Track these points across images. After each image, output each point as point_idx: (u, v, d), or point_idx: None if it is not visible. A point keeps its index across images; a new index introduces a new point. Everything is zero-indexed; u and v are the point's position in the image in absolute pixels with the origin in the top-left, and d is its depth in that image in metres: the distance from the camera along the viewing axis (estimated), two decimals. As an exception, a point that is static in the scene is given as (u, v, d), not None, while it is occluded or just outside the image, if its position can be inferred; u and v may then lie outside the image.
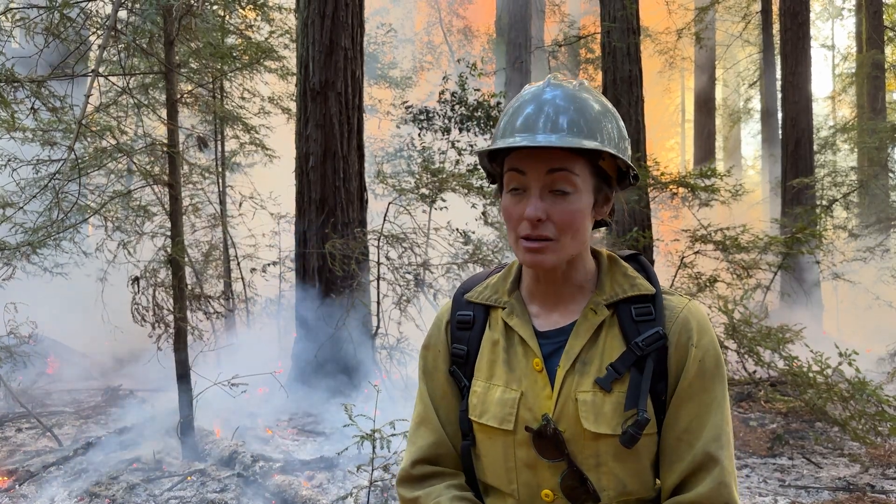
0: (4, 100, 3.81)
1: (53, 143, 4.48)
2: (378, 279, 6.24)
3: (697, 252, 6.98)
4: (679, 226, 9.96)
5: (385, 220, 6.32)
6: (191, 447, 4.50)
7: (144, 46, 4.42)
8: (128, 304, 4.66)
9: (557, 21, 18.78)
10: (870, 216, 10.74)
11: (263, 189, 8.59)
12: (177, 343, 4.47)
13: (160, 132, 6.47)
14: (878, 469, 4.29)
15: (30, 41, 4.00)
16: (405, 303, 6.03)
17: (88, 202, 6.45)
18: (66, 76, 4.08)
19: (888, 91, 14.21)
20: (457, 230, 6.46)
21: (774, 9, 13.33)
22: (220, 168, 8.22)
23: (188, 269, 6.64)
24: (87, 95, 3.98)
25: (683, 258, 7.02)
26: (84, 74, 4.44)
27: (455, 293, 1.28)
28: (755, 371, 5.96)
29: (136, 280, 4.61)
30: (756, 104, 20.20)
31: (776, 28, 12.96)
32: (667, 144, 30.53)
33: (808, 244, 7.30)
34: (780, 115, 10.95)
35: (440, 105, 7.76)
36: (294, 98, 7.89)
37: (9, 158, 4.26)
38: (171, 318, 4.53)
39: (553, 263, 1.08)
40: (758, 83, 17.89)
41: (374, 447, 3.27)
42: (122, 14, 4.44)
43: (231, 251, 8.18)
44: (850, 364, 4.41)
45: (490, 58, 20.29)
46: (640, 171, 6.10)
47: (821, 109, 19.93)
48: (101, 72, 4.36)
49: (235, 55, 6.45)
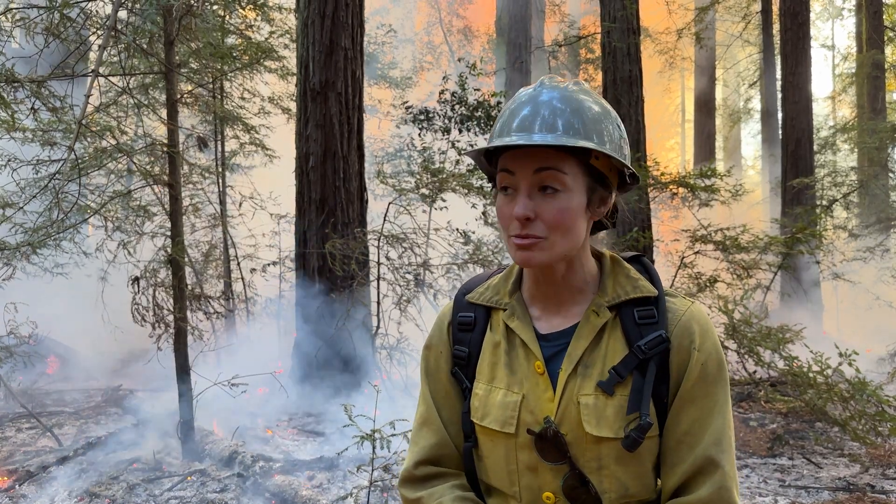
0: (4, 100, 3.81)
1: (53, 144, 4.47)
2: (378, 279, 6.24)
3: (697, 252, 6.98)
4: (679, 226, 9.96)
5: (385, 220, 6.32)
6: (191, 447, 4.50)
7: (144, 46, 4.42)
8: (128, 304, 4.67)
9: (557, 21, 18.77)
10: (870, 216, 10.74)
11: (263, 189, 8.60)
12: (177, 343, 4.47)
13: (160, 132, 6.47)
14: (878, 469, 4.29)
15: (30, 41, 4.00)
16: (405, 303, 6.03)
17: (88, 202, 6.44)
18: (66, 76, 4.08)
19: (888, 91, 14.20)
20: (457, 230, 6.45)
21: (774, 9, 13.33)
22: (220, 168, 8.22)
23: (188, 269, 6.64)
24: (87, 95, 3.98)
25: (683, 258, 7.01)
26: (84, 74, 4.43)
27: (456, 294, 1.28)
28: (755, 371, 5.96)
29: (136, 280, 4.61)
30: (756, 104, 20.20)
31: (776, 28, 12.96)
32: (667, 144, 30.54)
33: (808, 244, 7.30)
34: (780, 115, 10.95)
35: (440, 105, 7.75)
36: (294, 98, 7.89)
37: (9, 158, 4.26)
38: (171, 318, 4.53)
39: (544, 261, 1.07)
40: (758, 83, 17.90)
41: (374, 447, 3.27)
42: (122, 14, 4.44)
43: (231, 251, 8.18)
44: (850, 364, 4.41)
45: (490, 58, 20.28)
46: (640, 172, 6.11)
47: (821, 109, 19.93)
48: (101, 72, 4.36)
49: (235, 55, 6.44)
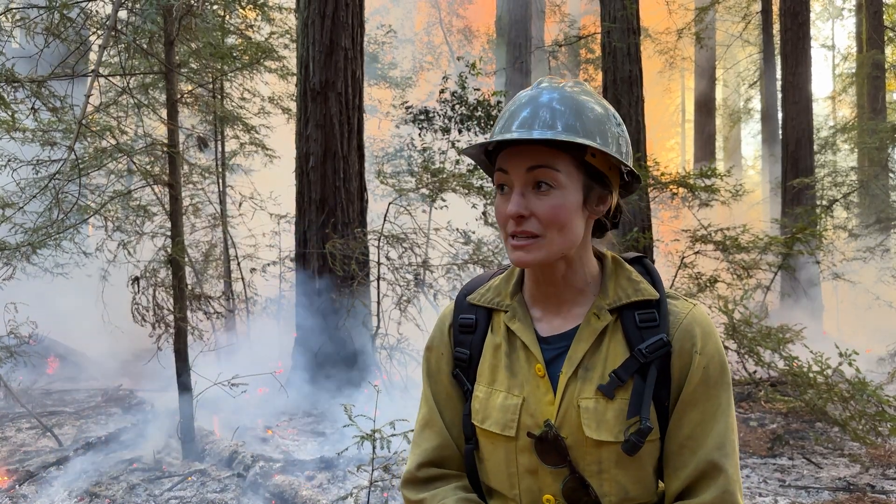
0: (4, 100, 3.81)
1: (53, 144, 4.47)
2: (378, 279, 6.24)
3: (697, 252, 6.98)
4: (679, 226, 9.96)
5: (385, 220, 6.32)
6: (191, 447, 4.50)
7: (144, 46, 4.42)
8: (128, 304, 4.66)
9: (557, 21, 18.77)
10: (870, 216, 10.73)
11: (263, 189, 8.60)
12: (177, 343, 4.47)
13: (160, 132, 6.46)
14: (879, 469, 4.29)
15: (30, 41, 4.00)
16: (405, 303, 6.03)
17: (88, 202, 6.44)
18: (66, 76, 4.08)
19: (888, 91, 14.19)
20: (457, 230, 6.46)
21: (774, 9, 13.33)
22: (220, 168, 8.22)
23: (188, 269, 6.64)
24: (88, 95, 3.98)
25: (683, 258, 7.01)
26: (84, 74, 4.43)
27: (458, 295, 1.27)
28: (755, 371, 5.96)
29: (137, 280, 4.61)
30: (756, 104, 20.21)
31: (776, 28, 12.96)
32: (667, 144, 30.55)
33: (808, 244, 7.30)
34: (780, 115, 10.95)
35: (440, 105, 7.75)
36: (294, 98, 7.89)
37: (9, 158, 4.26)
38: (171, 318, 4.53)
39: (540, 260, 1.06)
40: (758, 83, 17.90)
41: (374, 447, 3.27)
42: (122, 14, 4.43)
43: (231, 251, 8.17)
44: (850, 364, 4.41)
45: (490, 58, 20.28)
46: (641, 172, 6.11)
47: (821, 109, 19.93)
48: (101, 72, 4.36)
49: (235, 55, 6.43)
